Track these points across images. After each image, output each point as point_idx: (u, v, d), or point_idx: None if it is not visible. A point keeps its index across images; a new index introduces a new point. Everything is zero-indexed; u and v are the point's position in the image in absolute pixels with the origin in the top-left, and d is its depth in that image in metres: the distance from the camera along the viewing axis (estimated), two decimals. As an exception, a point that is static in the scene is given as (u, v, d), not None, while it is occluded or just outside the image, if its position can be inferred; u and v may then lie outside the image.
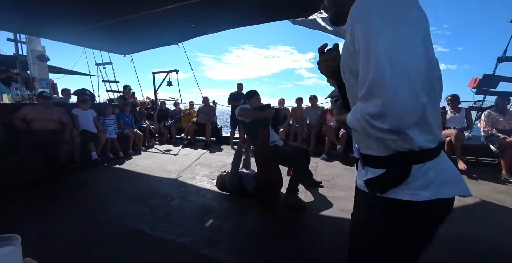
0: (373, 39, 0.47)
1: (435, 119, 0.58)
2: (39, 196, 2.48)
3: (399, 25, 0.46)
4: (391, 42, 0.46)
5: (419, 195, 0.57)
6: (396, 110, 0.45)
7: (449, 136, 3.43)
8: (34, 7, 3.17)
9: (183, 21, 3.96)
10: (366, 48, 0.48)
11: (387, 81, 0.45)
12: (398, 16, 0.47)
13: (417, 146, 0.56)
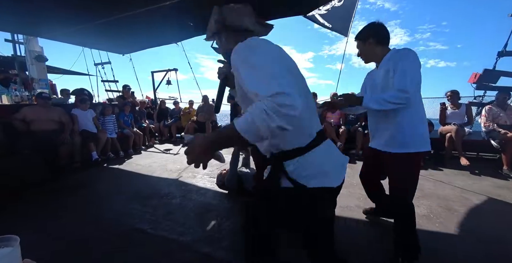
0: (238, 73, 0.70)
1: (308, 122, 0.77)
2: (39, 196, 2.49)
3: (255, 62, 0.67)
4: (247, 75, 0.67)
5: (282, 184, 0.77)
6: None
7: (450, 132, 3.43)
8: (30, 6, 3.14)
9: (181, 19, 3.93)
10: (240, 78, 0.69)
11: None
12: (250, 59, 0.68)
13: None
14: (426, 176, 2.96)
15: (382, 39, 1.40)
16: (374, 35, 1.39)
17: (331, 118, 4.37)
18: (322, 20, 5.06)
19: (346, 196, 2.37)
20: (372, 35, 1.40)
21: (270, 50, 0.72)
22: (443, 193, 2.42)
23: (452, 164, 3.33)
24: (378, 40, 1.39)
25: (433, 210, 2.05)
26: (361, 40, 1.44)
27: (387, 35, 1.41)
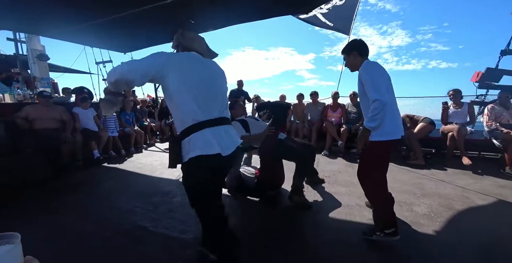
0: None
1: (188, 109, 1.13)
2: (42, 194, 2.51)
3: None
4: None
5: (185, 157, 1.15)
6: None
7: (452, 131, 3.41)
8: (32, 5, 3.14)
9: (183, 17, 3.92)
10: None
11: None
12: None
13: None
14: (428, 175, 2.95)
15: (363, 51, 1.70)
16: (357, 48, 1.71)
17: (332, 117, 4.36)
18: (323, 19, 5.03)
19: (347, 195, 2.38)
20: (356, 49, 1.71)
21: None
22: (444, 192, 2.42)
23: (454, 163, 3.32)
24: (360, 52, 1.69)
25: (434, 209, 2.05)
26: (346, 53, 1.76)
27: (367, 49, 1.72)
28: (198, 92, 1.13)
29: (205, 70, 1.20)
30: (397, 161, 3.58)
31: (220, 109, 1.21)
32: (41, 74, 5.16)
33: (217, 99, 1.21)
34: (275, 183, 2.36)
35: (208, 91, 1.17)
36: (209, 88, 1.18)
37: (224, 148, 1.14)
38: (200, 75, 1.16)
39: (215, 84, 1.23)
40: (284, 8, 3.69)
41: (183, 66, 1.12)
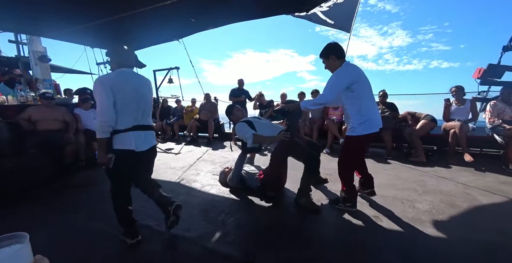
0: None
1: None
2: (46, 194, 2.54)
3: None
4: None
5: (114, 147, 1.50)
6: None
7: (453, 128, 3.41)
8: (32, 6, 3.16)
9: (183, 16, 3.93)
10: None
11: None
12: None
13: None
14: (429, 173, 2.96)
15: (340, 55, 1.88)
16: (335, 52, 1.88)
17: (333, 115, 4.36)
18: (324, 17, 5.00)
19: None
20: (333, 53, 1.87)
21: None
22: (446, 189, 2.42)
23: (456, 160, 3.32)
24: (337, 56, 1.87)
25: (436, 206, 2.06)
26: (325, 57, 1.92)
27: (343, 51, 1.90)
28: (130, 106, 1.50)
29: (134, 84, 1.53)
30: (399, 159, 3.58)
31: (146, 117, 1.63)
32: (43, 75, 5.19)
33: (139, 110, 1.54)
34: (277, 186, 2.35)
35: (135, 104, 1.52)
36: (137, 102, 1.53)
37: (139, 146, 1.53)
38: (136, 91, 1.53)
39: (146, 97, 1.61)
40: (284, 8, 3.69)
41: (119, 87, 1.45)
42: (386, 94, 4.15)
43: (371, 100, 1.90)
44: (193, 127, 5.47)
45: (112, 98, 1.40)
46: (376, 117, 1.90)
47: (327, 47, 1.91)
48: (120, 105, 1.44)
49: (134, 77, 1.57)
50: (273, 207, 2.15)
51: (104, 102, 1.38)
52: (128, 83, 1.49)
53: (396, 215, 1.91)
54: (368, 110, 1.84)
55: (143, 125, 1.57)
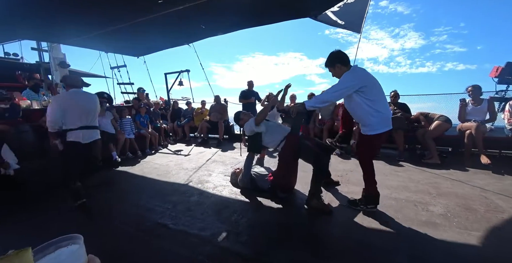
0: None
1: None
2: (67, 194, 2.68)
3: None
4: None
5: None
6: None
7: (470, 129, 3.31)
8: (53, 16, 3.35)
9: (194, 23, 4.04)
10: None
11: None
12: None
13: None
14: (444, 175, 2.89)
15: (345, 61, 1.92)
16: (340, 60, 1.93)
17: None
18: (334, 17, 4.98)
19: (359, 194, 2.36)
20: (338, 61, 1.93)
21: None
22: (462, 192, 2.37)
23: (472, 162, 3.22)
24: (343, 63, 1.92)
25: (451, 209, 2.02)
26: (331, 66, 1.97)
27: (347, 58, 1.94)
28: (75, 114, 2.28)
29: (79, 99, 2.33)
30: (411, 161, 3.52)
31: (91, 121, 2.41)
32: (62, 80, 5.46)
33: (82, 116, 2.32)
34: (288, 187, 2.38)
35: (79, 112, 2.30)
36: (81, 111, 2.31)
37: (84, 139, 2.32)
38: (80, 104, 2.32)
39: (88, 107, 2.39)
40: (294, 12, 3.72)
41: (67, 103, 2.26)
42: (397, 94, 4.09)
43: (385, 100, 1.96)
44: (203, 129, 5.58)
45: (60, 110, 2.19)
46: (390, 115, 1.99)
47: (331, 56, 1.96)
48: (69, 113, 2.24)
49: (80, 95, 2.38)
50: (284, 208, 2.18)
51: (54, 112, 2.19)
52: (74, 99, 2.29)
53: (409, 218, 1.90)
54: (385, 109, 1.90)
55: (89, 126, 2.37)
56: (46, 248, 0.42)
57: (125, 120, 4.62)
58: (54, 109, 2.19)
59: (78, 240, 0.45)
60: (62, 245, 0.45)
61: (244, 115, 2.67)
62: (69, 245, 0.44)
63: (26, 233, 1.80)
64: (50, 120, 2.20)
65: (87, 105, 2.38)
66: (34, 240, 0.37)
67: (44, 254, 0.40)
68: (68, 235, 0.45)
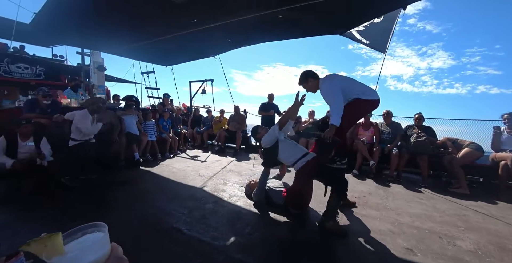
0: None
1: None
2: (91, 190, 2.84)
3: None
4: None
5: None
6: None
7: (505, 160, 3.08)
8: (98, 28, 3.74)
9: (222, 37, 4.29)
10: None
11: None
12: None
13: None
14: (473, 207, 2.68)
15: (314, 75, 2.33)
16: (310, 75, 2.33)
17: (363, 135, 4.23)
18: (359, 36, 5.04)
19: (379, 219, 2.27)
20: (309, 76, 2.33)
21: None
22: (495, 229, 2.17)
23: (506, 196, 2.96)
24: (313, 77, 2.32)
25: (482, 247, 1.86)
26: (304, 82, 2.36)
27: (315, 73, 2.35)
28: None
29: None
30: (436, 188, 3.31)
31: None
32: (99, 82, 5.95)
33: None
34: (302, 204, 2.34)
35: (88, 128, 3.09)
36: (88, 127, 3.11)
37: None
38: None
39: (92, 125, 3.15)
40: (320, 29, 3.83)
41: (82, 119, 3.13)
42: (422, 117, 3.93)
43: (364, 86, 2.24)
44: (221, 137, 5.70)
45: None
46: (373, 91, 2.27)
47: (302, 74, 2.37)
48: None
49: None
50: (298, 226, 2.13)
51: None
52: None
53: (432, 251, 1.77)
54: (370, 90, 2.22)
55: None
56: (74, 233, 0.46)
57: (149, 122, 4.86)
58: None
59: (103, 228, 0.48)
60: (88, 231, 0.48)
61: (261, 129, 2.72)
62: (94, 232, 0.47)
63: (47, 221, 1.92)
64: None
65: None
66: (55, 228, 0.41)
67: (72, 239, 0.44)
68: (94, 223, 0.49)
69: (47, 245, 0.40)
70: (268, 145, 2.36)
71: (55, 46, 7.66)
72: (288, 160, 2.32)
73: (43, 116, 3.34)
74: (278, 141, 2.32)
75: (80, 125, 3.16)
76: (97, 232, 0.50)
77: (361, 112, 2.43)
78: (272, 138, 2.33)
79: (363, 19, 3.88)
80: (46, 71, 6.61)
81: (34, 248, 0.39)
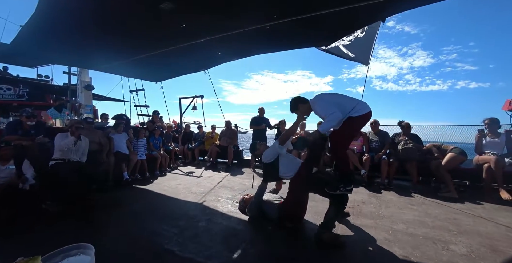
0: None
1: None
2: (79, 212, 2.69)
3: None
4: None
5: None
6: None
7: (488, 162, 3.22)
8: (86, 45, 3.77)
9: (211, 50, 4.41)
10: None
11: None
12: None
13: None
14: (463, 210, 2.74)
15: (303, 100, 2.36)
16: (299, 102, 2.36)
17: (353, 145, 4.33)
18: (345, 50, 5.35)
19: (374, 228, 2.27)
20: (298, 102, 2.36)
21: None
22: (485, 231, 2.22)
23: (492, 197, 3.06)
24: (302, 102, 2.35)
25: (475, 250, 1.88)
26: (296, 109, 2.38)
27: (303, 97, 2.39)
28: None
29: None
30: (426, 193, 3.38)
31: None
32: (86, 101, 5.87)
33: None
34: (297, 218, 2.32)
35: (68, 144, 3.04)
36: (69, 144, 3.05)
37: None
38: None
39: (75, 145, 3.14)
40: (307, 41, 4.02)
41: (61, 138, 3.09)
42: (409, 125, 4.11)
43: (354, 100, 2.21)
44: (213, 153, 5.65)
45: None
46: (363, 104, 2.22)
47: (291, 103, 2.41)
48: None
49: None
50: (294, 239, 2.09)
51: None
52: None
53: (428, 257, 1.77)
54: (359, 104, 2.15)
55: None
56: (55, 256, 0.43)
57: (141, 140, 4.78)
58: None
59: (89, 250, 0.46)
60: (70, 254, 0.45)
61: (259, 145, 2.75)
62: (78, 254, 0.45)
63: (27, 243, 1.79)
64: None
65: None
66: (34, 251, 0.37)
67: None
68: (78, 244, 0.46)
69: None
70: (269, 160, 2.37)
71: (40, 67, 7.60)
72: (287, 175, 2.32)
73: (25, 138, 3.23)
74: (279, 156, 2.35)
75: (60, 143, 3.05)
76: (81, 254, 0.46)
77: (357, 129, 2.35)
78: (274, 153, 2.36)
79: (346, 32, 4.13)
80: (30, 92, 6.49)
81: None
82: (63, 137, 3.12)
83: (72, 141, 3.11)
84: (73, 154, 3.19)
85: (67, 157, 3.14)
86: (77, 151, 3.22)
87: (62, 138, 3.10)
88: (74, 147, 3.17)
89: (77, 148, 3.22)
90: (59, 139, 3.09)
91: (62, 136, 3.13)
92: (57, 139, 3.09)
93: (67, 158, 3.13)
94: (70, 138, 3.12)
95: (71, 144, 3.10)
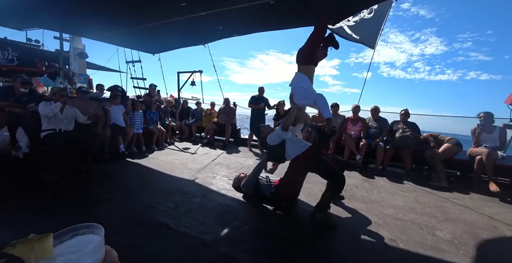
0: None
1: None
2: (72, 184, 2.71)
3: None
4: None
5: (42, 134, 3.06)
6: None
7: (480, 155, 3.25)
8: (80, 11, 3.46)
9: (211, 24, 4.12)
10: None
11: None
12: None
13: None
14: (451, 199, 2.83)
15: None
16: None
17: (351, 130, 4.31)
18: (349, 31, 5.03)
19: (365, 211, 2.34)
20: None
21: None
22: (470, 219, 2.31)
23: (480, 189, 3.15)
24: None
25: (458, 236, 1.97)
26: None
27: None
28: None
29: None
30: (418, 181, 3.45)
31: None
32: (79, 70, 5.60)
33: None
34: (291, 196, 2.36)
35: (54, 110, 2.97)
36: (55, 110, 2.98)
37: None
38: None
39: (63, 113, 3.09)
40: (308, 20, 3.76)
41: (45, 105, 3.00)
42: (408, 113, 4.05)
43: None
44: (210, 130, 5.61)
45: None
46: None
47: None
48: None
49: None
50: (287, 218, 2.15)
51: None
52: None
53: (414, 241, 1.85)
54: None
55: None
56: (64, 234, 0.41)
57: (137, 113, 4.68)
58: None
59: (98, 230, 0.43)
60: (79, 233, 0.42)
61: (263, 128, 2.69)
62: (87, 233, 0.42)
63: (23, 219, 1.82)
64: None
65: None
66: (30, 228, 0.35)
67: (61, 241, 0.39)
68: (88, 224, 0.44)
69: (34, 248, 0.34)
70: (276, 142, 2.36)
71: (29, 30, 7.09)
72: (292, 157, 2.31)
73: (17, 105, 3.11)
74: (285, 141, 2.31)
75: (45, 109, 2.94)
76: (90, 234, 0.43)
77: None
78: (276, 138, 2.33)
79: (355, 10, 3.84)
80: (20, 56, 6.12)
81: (20, 250, 0.34)
82: (46, 104, 3.01)
83: (58, 107, 2.99)
84: (62, 123, 3.12)
85: (57, 126, 3.07)
86: (65, 119, 3.14)
87: (46, 105, 2.99)
88: (62, 115, 3.08)
89: (65, 116, 3.13)
90: (42, 106, 2.97)
91: (46, 104, 3.01)
92: (41, 106, 2.97)
93: (57, 128, 3.07)
94: (55, 104, 3.01)
95: (56, 110, 3.00)
